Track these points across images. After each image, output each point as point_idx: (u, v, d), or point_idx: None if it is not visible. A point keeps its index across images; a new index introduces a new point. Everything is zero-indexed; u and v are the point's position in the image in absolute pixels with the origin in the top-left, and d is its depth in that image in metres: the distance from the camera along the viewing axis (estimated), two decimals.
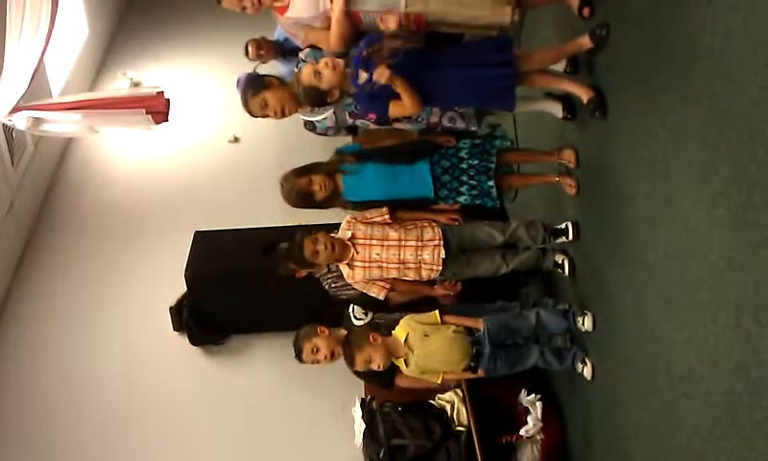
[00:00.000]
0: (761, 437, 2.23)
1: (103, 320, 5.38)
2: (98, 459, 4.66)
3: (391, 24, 3.13)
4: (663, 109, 2.78)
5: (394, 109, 3.26)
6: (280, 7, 3.31)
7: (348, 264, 3.58)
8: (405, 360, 3.47)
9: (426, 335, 3.47)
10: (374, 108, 3.35)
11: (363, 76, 3.03)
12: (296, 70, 3.48)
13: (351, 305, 3.82)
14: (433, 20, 3.25)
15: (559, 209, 3.94)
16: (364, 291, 3.65)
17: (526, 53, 3.30)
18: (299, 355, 3.57)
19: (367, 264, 3.56)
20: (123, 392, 4.96)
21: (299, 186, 3.45)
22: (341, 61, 3.13)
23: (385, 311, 3.79)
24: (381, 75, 3.04)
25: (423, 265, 3.56)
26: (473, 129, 3.66)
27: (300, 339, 3.58)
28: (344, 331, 3.64)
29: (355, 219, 3.60)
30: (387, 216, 3.60)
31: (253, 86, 3.29)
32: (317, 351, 3.52)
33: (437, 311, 3.57)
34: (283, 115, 3.29)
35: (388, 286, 3.63)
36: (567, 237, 3.70)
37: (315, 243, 3.46)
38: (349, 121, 3.70)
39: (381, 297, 3.65)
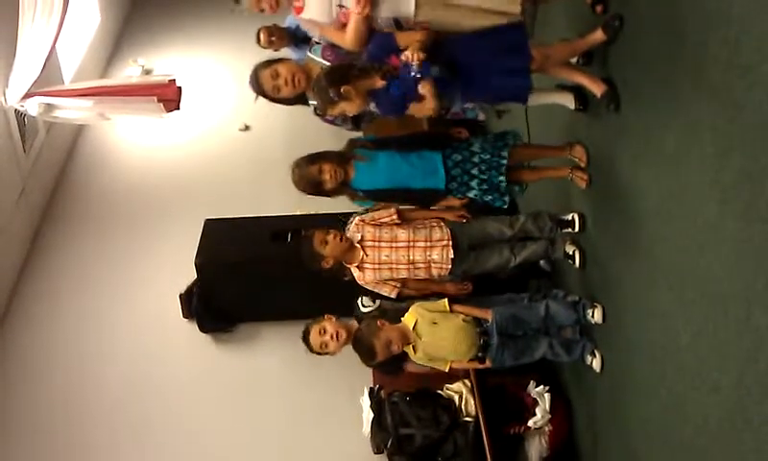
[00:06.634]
0: None
1: (111, 306, 5.40)
2: (105, 446, 4.68)
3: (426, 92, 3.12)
4: (677, 102, 2.76)
5: (413, 111, 3.21)
6: (298, 6, 3.32)
7: (358, 266, 3.59)
8: (413, 347, 3.48)
9: (435, 323, 3.49)
10: (395, 111, 3.33)
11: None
12: (309, 54, 3.46)
13: (360, 296, 3.83)
14: (445, 28, 3.22)
15: (567, 201, 3.93)
16: (375, 291, 3.67)
17: (543, 53, 3.25)
18: (306, 338, 3.61)
19: (377, 266, 3.57)
20: (131, 377, 4.98)
21: (309, 174, 3.41)
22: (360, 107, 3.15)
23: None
24: (425, 88, 3.05)
25: (433, 264, 3.57)
26: (482, 118, 3.65)
27: (308, 326, 3.63)
28: (353, 322, 3.67)
29: (363, 221, 3.61)
30: (395, 216, 3.61)
31: (266, 62, 3.31)
32: (324, 332, 3.56)
33: (446, 300, 3.58)
34: (293, 87, 3.27)
35: (399, 285, 3.64)
36: (574, 228, 3.72)
37: (326, 234, 3.50)
38: None
39: (393, 295, 3.67)
